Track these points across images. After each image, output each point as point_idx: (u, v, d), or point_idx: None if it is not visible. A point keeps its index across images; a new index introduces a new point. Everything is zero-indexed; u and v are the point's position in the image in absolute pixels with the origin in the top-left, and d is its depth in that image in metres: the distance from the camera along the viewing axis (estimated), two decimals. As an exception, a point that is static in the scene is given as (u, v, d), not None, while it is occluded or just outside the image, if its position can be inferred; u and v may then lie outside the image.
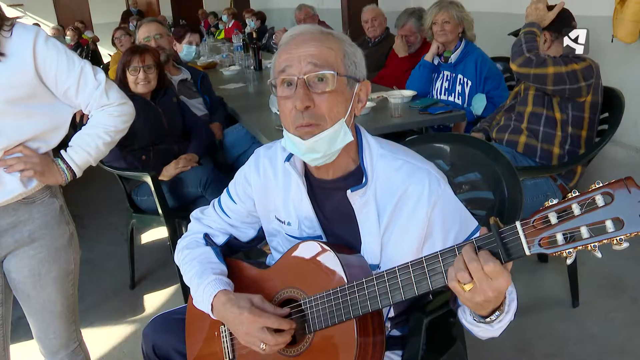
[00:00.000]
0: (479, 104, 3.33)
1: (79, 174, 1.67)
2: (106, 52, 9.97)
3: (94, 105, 1.62)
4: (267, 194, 1.47)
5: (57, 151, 1.67)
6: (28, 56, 1.47)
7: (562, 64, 2.50)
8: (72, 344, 1.84)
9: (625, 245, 0.92)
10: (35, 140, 1.58)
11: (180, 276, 2.75)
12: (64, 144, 1.69)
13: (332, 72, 1.24)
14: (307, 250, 1.33)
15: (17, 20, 1.51)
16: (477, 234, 1.07)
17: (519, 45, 2.59)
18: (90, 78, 1.58)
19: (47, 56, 1.50)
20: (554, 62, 2.50)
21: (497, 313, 1.13)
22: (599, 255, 0.95)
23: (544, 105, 2.64)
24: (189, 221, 1.64)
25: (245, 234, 1.58)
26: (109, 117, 1.64)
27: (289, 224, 1.43)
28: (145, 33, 3.64)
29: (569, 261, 0.98)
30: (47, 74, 1.52)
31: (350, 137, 1.30)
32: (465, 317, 1.22)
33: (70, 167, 1.64)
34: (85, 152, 1.65)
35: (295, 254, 1.35)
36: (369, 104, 3.09)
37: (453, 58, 3.44)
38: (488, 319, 1.14)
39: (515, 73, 2.62)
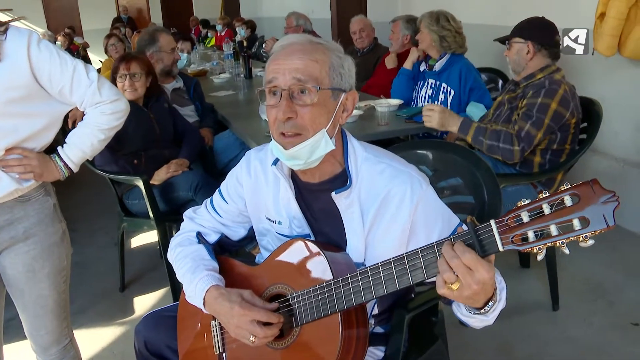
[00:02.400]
0: (475, 110, 3.37)
1: (75, 169, 1.74)
2: (96, 59, 9.99)
3: (88, 103, 1.66)
4: (257, 195, 1.53)
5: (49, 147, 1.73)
6: (23, 58, 1.52)
7: (543, 117, 2.54)
8: (63, 340, 1.88)
9: (590, 242, 0.99)
10: (32, 140, 1.63)
11: (170, 278, 2.83)
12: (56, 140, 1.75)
13: (314, 86, 1.30)
14: (295, 248, 1.39)
15: (11, 24, 1.55)
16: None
17: (497, 148, 2.60)
18: (83, 77, 1.62)
19: (41, 58, 1.54)
20: (537, 125, 2.55)
21: (490, 303, 1.18)
22: (567, 251, 1.01)
23: None
24: (179, 224, 1.70)
25: (237, 233, 1.64)
26: (102, 115, 1.69)
27: (279, 222, 1.49)
28: (172, 43, 3.67)
29: (539, 257, 1.04)
30: (42, 75, 1.56)
31: (331, 146, 1.35)
32: (461, 311, 1.27)
33: (67, 164, 1.71)
34: (80, 150, 1.72)
35: (283, 251, 1.41)
36: (356, 112, 3.16)
37: (438, 66, 3.51)
38: (483, 310, 1.19)
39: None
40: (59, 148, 1.72)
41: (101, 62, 6.74)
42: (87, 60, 9.40)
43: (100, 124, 1.70)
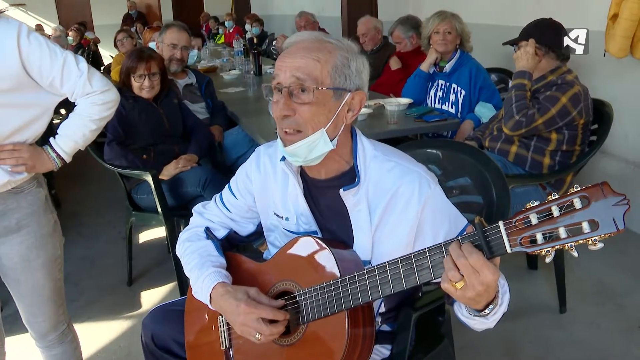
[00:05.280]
0: (483, 110, 3.36)
1: (68, 160, 1.75)
2: (107, 54, 10.03)
3: (78, 94, 1.66)
4: (266, 190, 1.54)
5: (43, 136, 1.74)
6: (13, 50, 1.52)
7: (550, 106, 2.57)
8: (60, 326, 1.91)
9: (600, 245, 0.98)
10: (23, 131, 1.64)
11: (177, 273, 2.85)
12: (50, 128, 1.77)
13: (312, 85, 1.31)
14: (302, 245, 1.39)
15: (1, 15, 1.55)
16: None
17: (509, 105, 2.67)
18: (73, 68, 1.62)
19: (31, 50, 1.54)
20: (542, 111, 2.58)
21: (491, 306, 1.18)
22: (575, 254, 1.01)
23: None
24: (187, 220, 1.70)
25: (245, 229, 1.65)
26: (93, 105, 1.69)
27: (287, 219, 1.50)
28: (174, 40, 3.63)
29: (547, 260, 1.04)
30: (32, 67, 1.56)
31: (330, 146, 1.36)
32: (461, 312, 1.27)
33: (60, 155, 1.72)
34: (72, 140, 1.73)
35: (291, 248, 1.42)
36: (366, 111, 3.16)
37: (448, 67, 3.49)
38: (483, 313, 1.19)
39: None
40: (51, 139, 1.73)
41: (112, 57, 6.76)
42: (97, 55, 9.44)
43: (92, 114, 1.71)
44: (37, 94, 1.62)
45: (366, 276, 1.24)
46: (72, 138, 1.72)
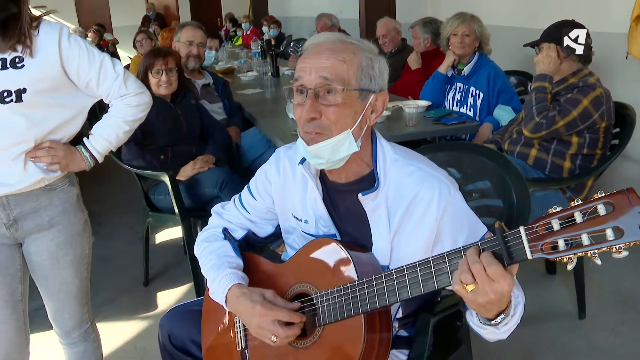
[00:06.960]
0: (502, 112, 3.33)
1: (100, 160, 1.80)
2: (125, 55, 10.12)
3: (114, 95, 1.72)
4: (285, 193, 1.53)
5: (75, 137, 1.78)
6: (54, 52, 1.58)
7: (571, 109, 2.54)
8: (84, 324, 1.94)
9: (624, 253, 0.95)
10: (59, 131, 1.68)
11: (194, 274, 2.85)
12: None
13: (340, 86, 1.29)
14: (321, 247, 1.39)
15: (43, 18, 1.61)
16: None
17: (529, 107, 2.64)
18: (110, 70, 1.68)
19: (70, 52, 1.60)
20: (563, 114, 2.55)
21: (502, 316, 1.16)
22: (598, 262, 0.98)
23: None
24: (204, 221, 1.71)
25: (264, 230, 1.64)
26: (127, 107, 1.75)
27: (306, 221, 1.49)
28: (190, 37, 3.69)
29: (569, 267, 1.01)
30: (70, 68, 1.62)
31: (355, 148, 1.34)
32: (473, 320, 1.26)
33: (93, 155, 1.77)
34: (106, 140, 1.78)
35: (309, 250, 1.41)
36: (384, 113, 3.13)
37: (466, 70, 3.47)
38: (493, 322, 1.18)
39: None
40: (85, 139, 1.78)
41: (130, 58, 6.81)
42: (116, 56, 9.52)
43: (126, 115, 1.76)
44: (74, 95, 1.68)
45: (384, 279, 1.23)
46: (105, 138, 1.77)
